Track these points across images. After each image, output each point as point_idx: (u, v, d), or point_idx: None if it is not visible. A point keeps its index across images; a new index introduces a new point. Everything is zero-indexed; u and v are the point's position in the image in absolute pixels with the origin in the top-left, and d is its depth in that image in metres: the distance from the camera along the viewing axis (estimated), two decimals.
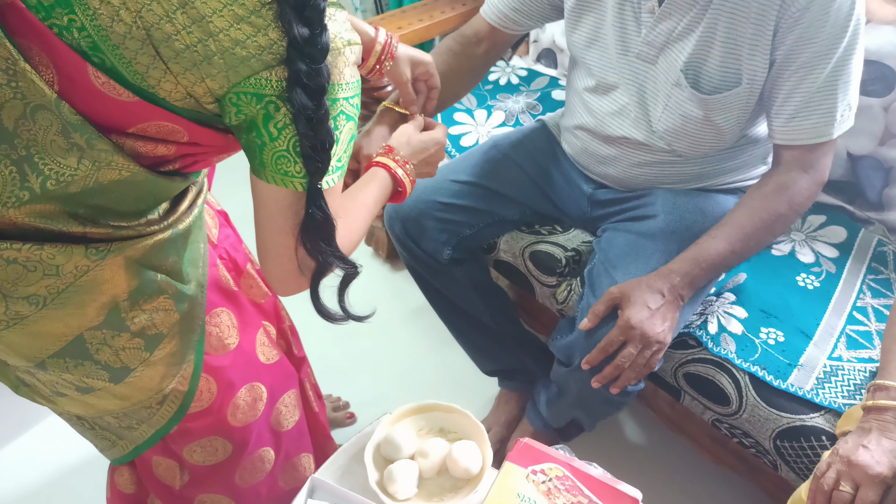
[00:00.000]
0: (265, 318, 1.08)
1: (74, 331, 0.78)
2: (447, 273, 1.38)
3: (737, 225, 1.09)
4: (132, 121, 0.68)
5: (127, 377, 0.84)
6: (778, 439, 1.08)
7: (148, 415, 0.91)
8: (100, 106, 0.66)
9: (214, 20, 0.62)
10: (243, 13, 0.63)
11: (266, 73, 0.64)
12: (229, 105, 0.67)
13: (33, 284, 0.72)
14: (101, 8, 0.61)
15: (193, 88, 0.66)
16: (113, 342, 0.81)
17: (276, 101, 0.65)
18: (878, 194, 1.34)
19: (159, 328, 0.84)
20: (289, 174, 0.69)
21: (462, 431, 0.97)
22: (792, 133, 1.06)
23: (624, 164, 1.25)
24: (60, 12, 0.62)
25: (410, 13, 1.75)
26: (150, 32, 0.62)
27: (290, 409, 1.10)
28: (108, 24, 0.62)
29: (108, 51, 0.63)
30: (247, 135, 0.69)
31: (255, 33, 0.63)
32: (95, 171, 0.68)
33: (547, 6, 1.24)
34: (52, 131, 0.65)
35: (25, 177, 0.66)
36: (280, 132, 0.67)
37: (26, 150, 0.66)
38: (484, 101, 1.72)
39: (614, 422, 1.60)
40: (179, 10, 0.62)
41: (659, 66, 1.12)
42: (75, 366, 0.80)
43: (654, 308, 1.04)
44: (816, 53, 1.00)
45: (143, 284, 0.79)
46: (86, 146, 0.67)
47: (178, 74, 0.65)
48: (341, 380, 1.67)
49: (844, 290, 1.23)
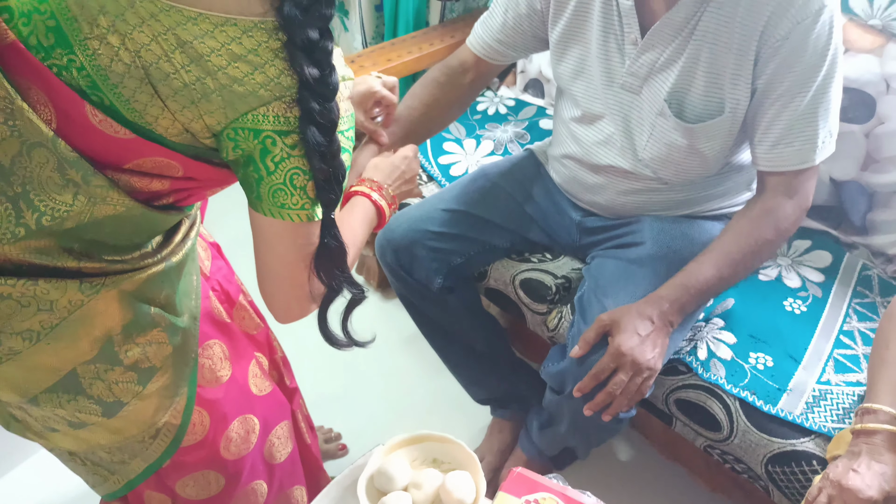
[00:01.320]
0: (258, 350, 1.08)
1: (68, 365, 0.78)
2: (439, 301, 1.38)
3: (724, 251, 1.10)
4: (128, 157, 0.69)
5: (120, 411, 0.84)
6: (769, 464, 1.08)
7: (141, 448, 0.91)
8: (97, 143, 0.67)
9: (213, 59, 0.64)
10: (241, 52, 0.64)
11: (263, 109, 0.66)
12: (227, 140, 0.68)
13: (27, 320, 0.72)
14: (101, 48, 0.63)
15: (191, 124, 0.67)
16: (106, 376, 0.81)
17: (273, 136, 0.67)
18: (862, 219, 1.36)
19: (152, 361, 0.84)
20: (286, 206, 0.70)
21: (455, 462, 0.97)
22: (775, 160, 1.08)
23: (611, 192, 1.26)
24: (60, 52, 0.64)
25: (400, 45, 1.77)
26: (149, 71, 0.64)
27: (282, 441, 1.10)
28: (107, 64, 0.64)
29: (107, 89, 0.65)
30: (244, 169, 0.70)
31: (252, 71, 0.65)
32: (91, 207, 0.69)
33: (531, 38, 1.26)
34: (48, 168, 0.66)
35: (21, 213, 0.67)
36: (277, 166, 0.68)
37: (22, 186, 0.67)
38: (473, 131, 1.74)
39: (608, 449, 1.59)
40: (178, 49, 0.63)
41: (643, 96, 1.14)
42: (68, 400, 0.80)
43: (644, 335, 1.04)
44: (796, 82, 1.02)
45: (137, 317, 0.80)
46: (82, 182, 0.68)
47: (176, 111, 0.66)
48: (333, 410, 1.66)
49: (831, 314, 1.25)
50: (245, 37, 0.64)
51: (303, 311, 0.80)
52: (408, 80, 1.98)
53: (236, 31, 0.64)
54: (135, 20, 0.63)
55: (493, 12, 1.28)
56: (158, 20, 0.63)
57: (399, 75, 1.73)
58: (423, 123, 1.26)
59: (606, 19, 1.13)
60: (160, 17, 0.63)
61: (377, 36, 2.03)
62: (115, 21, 0.63)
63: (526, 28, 1.25)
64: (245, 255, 0.78)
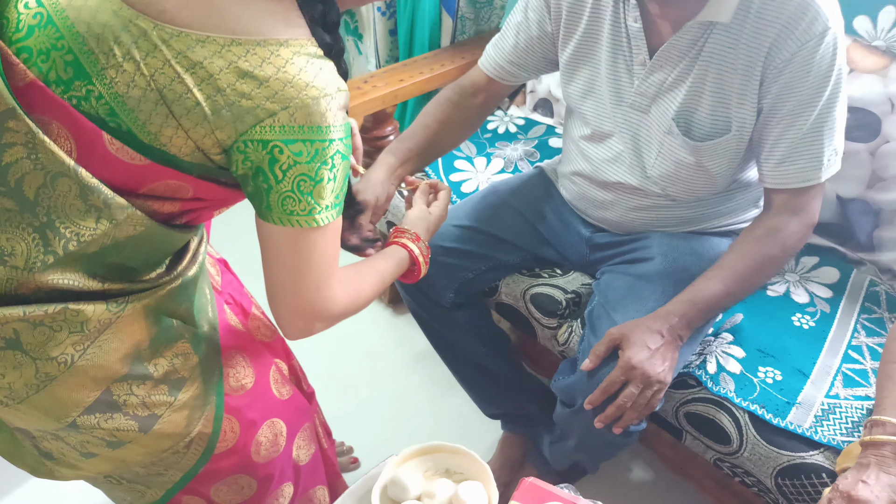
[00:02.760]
0: (275, 356, 1.11)
1: (102, 384, 0.80)
2: (450, 317, 1.40)
3: (731, 267, 1.12)
4: (143, 182, 0.74)
5: (155, 425, 0.86)
6: (779, 477, 1.09)
7: (176, 460, 0.93)
8: (114, 171, 0.72)
9: (221, 77, 0.69)
10: (247, 68, 0.69)
11: (270, 121, 0.70)
12: (236, 153, 0.72)
13: (61, 344, 0.75)
14: (118, 76, 0.68)
15: (203, 141, 0.72)
16: (139, 391, 0.84)
17: (280, 145, 0.71)
18: (869, 236, 1.38)
19: (181, 372, 0.87)
20: (294, 213, 0.75)
21: (468, 472, 0.98)
22: (781, 177, 1.10)
23: (620, 208, 1.28)
24: (80, 84, 0.69)
25: (412, 66, 1.81)
26: (163, 93, 0.69)
27: (306, 444, 1.12)
28: (124, 91, 0.69)
29: (125, 115, 0.70)
30: (254, 181, 0.74)
31: (258, 85, 0.70)
32: (113, 229, 0.73)
33: (542, 60, 1.30)
34: (71, 196, 0.71)
35: (49, 241, 0.71)
36: (285, 174, 0.73)
37: (47, 216, 0.71)
38: (483, 149, 1.77)
39: (617, 464, 1.60)
40: (188, 71, 0.69)
41: (651, 115, 1.16)
42: (106, 420, 0.83)
43: (654, 348, 1.06)
44: (801, 102, 1.04)
45: (162, 331, 0.84)
46: (103, 206, 0.72)
47: (189, 129, 0.71)
48: (345, 426, 1.67)
49: (839, 330, 1.26)
50: (249, 55, 0.69)
51: (309, 326, 0.84)
52: (420, 99, 2.02)
53: (241, 50, 0.69)
54: (147, 47, 0.68)
55: (504, 34, 1.31)
56: (169, 45, 0.68)
57: (411, 95, 1.77)
58: (437, 141, 1.29)
59: (615, 41, 1.16)
60: (171, 43, 0.68)
61: (391, 59, 2.07)
62: (130, 49, 0.68)
63: (537, 50, 1.28)
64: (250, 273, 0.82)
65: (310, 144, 0.72)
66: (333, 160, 0.74)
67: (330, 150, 0.74)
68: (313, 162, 0.73)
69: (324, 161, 0.73)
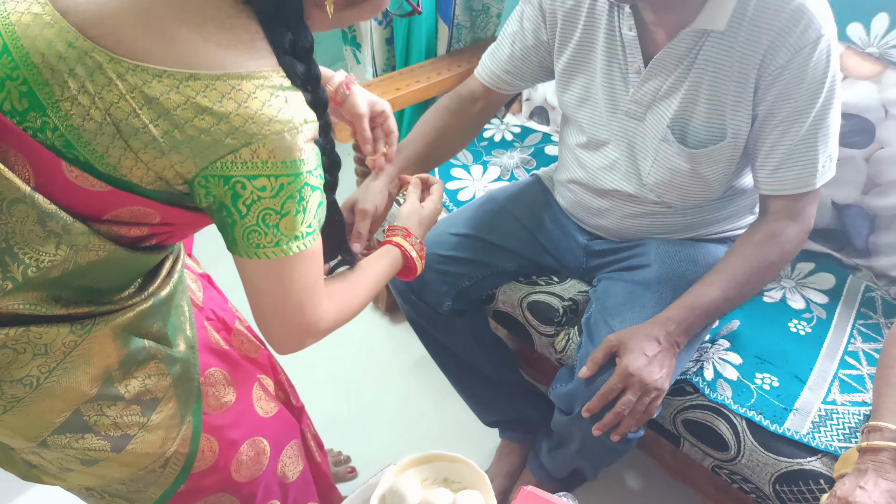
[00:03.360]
0: (260, 372, 1.10)
1: (71, 406, 0.79)
2: (448, 324, 1.40)
3: (729, 273, 1.12)
4: (106, 209, 0.72)
5: (128, 445, 0.85)
6: (777, 483, 1.09)
7: (153, 478, 0.92)
8: (75, 198, 0.70)
9: (179, 112, 0.66)
10: (206, 104, 0.66)
11: (231, 157, 0.68)
12: (198, 188, 0.70)
13: (25, 366, 0.74)
14: (73, 109, 0.66)
15: (164, 173, 0.70)
16: (110, 411, 0.82)
17: (243, 180, 0.69)
18: (865, 241, 1.39)
19: (153, 393, 0.86)
20: (260, 246, 0.72)
21: (466, 481, 0.98)
22: (777, 184, 1.10)
23: (616, 215, 1.29)
24: (34, 116, 0.67)
25: (408, 75, 1.81)
26: (119, 127, 0.67)
27: (293, 460, 1.11)
28: (79, 123, 0.67)
29: (81, 147, 0.68)
30: (218, 215, 0.73)
31: (217, 122, 0.67)
32: (74, 255, 0.72)
33: (538, 68, 1.30)
34: (28, 221, 0.69)
35: (7, 267, 0.70)
36: (249, 209, 0.70)
37: (6, 241, 0.69)
38: (479, 157, 1.78)
39: (616, 472, 1.60)
40: (145, 106, 0.66)
41: (647, 123, 1.17)
42: (77, 440, 0.82)
43: (652, 355, 1.06)
44: (796, 109, 1.05)
45: (133, 352, 0.82)
46: (62, 232, 0.70)
47: (149, 162, 0.69)
48: (343, 434, 1.67)
49: (836, 336, 1.26)
50: (208, 90, 0.66)
51: (300, 342, 0.83)
52: (417, 108, 2.02)
53: (199, 86, 0.66)
54: (103, 80, 0.66)
55: (500, 44, 1.31)
56: (125, 79, 0.66)
57: (408, 104, 1.78)
58: (435, 150, 1.29)
59: (610, 49, 1.17)
60: (127, 77, 0.66)
61: (388, 68, 2.08)
62: (85, 82, 0.66)
63: (533, 59, 1.28)
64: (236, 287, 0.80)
65: (274, 179, 0.69)
66: (301, 192, 0.72)
67: (297, 184, 0.71)
68: (278, 196, 0.70)
69: (290, 195, 0.71)
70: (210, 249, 0.76)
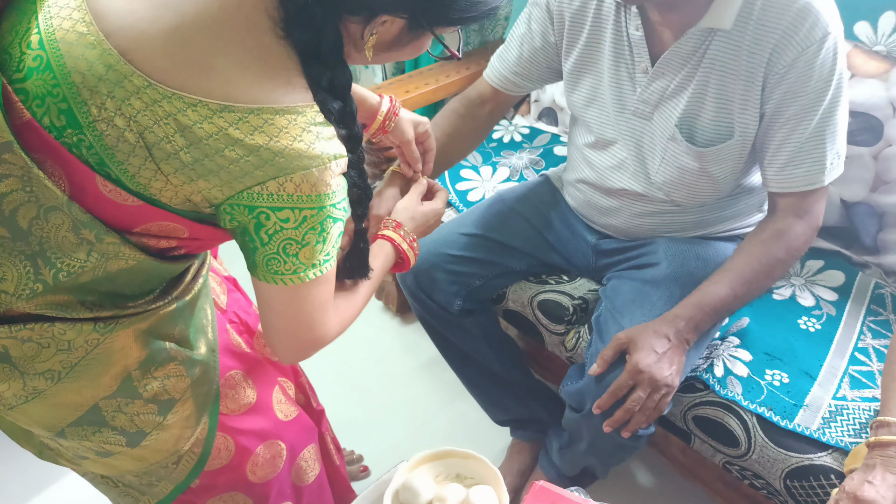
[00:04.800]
0: (282, 375, 1.11)
1: (90, 401, 0.81)
2: (458, 324, 1.41)
3: (737, 270, 1.13)
4: (137, 222, 0.74)
5: (143, 441, 0.87)
6: (788, 479, 1.09)
7: (166, 473, 0.94)
8: (108, 210, 0.72)
9: (210, 142, 0.68)
10: (238, 136, 0.68)
11: (258, 189, 0.69)
12: (224, 213, 0.72)
13: (48, 360, 0.76)
14: (108, 130, 0.68)
15: (192, 196, 0.71)
16: (127, 409, 0.84)
17: (267, 212, 0.70)
18: (873, 239, 1.39)
19: (171, 393, 0.87)
20: (279, 273, 0.74)
21: (478, 477, 0.99)
22: (785, 181, 1.11)
23: (625, 214, 1.30)
24: (71, 133, 0.68)
25: (417, 77, 1.83)
26: (152, 151, 0.68)
27: (310, 464, 1.12)
28: (113, 144, 0.68)
29: (114, 166, 0.69)
30: (241, 238, 0.75)
31: (247, 154, 0.68)
32: (104, 262, 0.74)
33: (546, 69, 1.31)
34: (63, 229, 0.71)
35: (39, 270, 0.72)
36: (270, 238, 0.72)
37: (39, 245, 0.71)
38: (489, 158, 1.79)
39: (627, 469, 1.60)
40: (178, 133, 0.67)
41: (655, 122, 1.18)
42: (93, 433, 0.84)
43: (661, 352, 1.07)
44: (804, 107, 1.05)
45: (153, 353, 0.84)
46: (95, 241, 0.72)
47: (178, 186, 0.70)
48: (355, 433, 1.69)
49: (845, 332, 1.26)
50: (241, 122, 0.67)
51: (302, 357, 0.86)
52: (426, 110, 2.04)
53: (233, 118, 0.67)
54: (139, 105, 0.67)
55: (508, 46, 1.33)
56: (161, 106, 0.67)
57: (417, 106, 1.79)
58: (445, 153, 1.30)
59: (617, 49, 1.18)
60: (162, 104, 0.67)
61: (397, 71, 2.10)
62: (122, 105, 0.67)
63: (541, 60, 1.30)
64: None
65: (298, 212, 0.71)
66: (323, 225, 0.73)
67: (319, 217, 0.72)
68: (300, 228, 0.72)
69: (312, 227, 0.72)
70: (236, 250, 0.78)
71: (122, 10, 0.68)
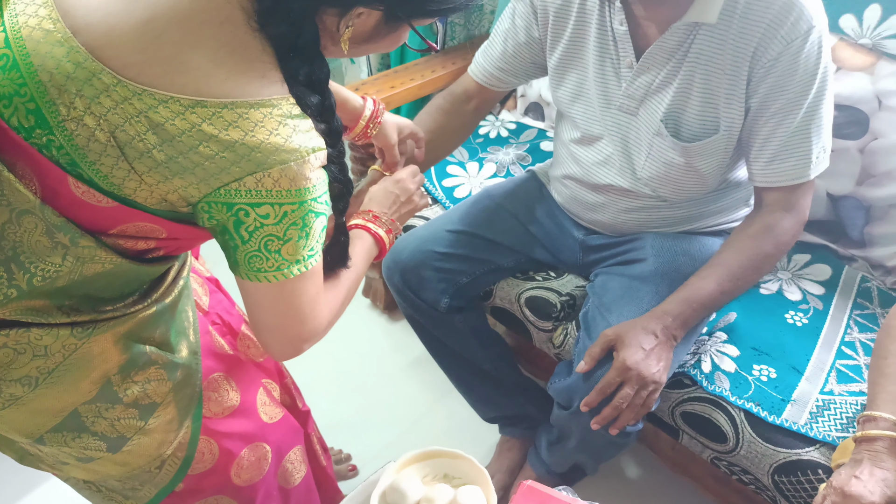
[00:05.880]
0: (266, 376, 1.10)
1: (69, 406, 0.80)
2: (446, 321, 1.40)
3: (725, 265, 1.13)
4: (112, 224, 0.72)
5: (124, 446, 0.86)
6: (776, 474, 1.09)
7: (149, 477, 0.93)
8: (81, 212, 0.70)
9: (183, 139, 0.66)
10: (212, 132, 0.66)
11: (235, 185, 0.68)
12: (201, 212, 0.70)
13: (24, 366, 0.74)
14: (78, 129, 0.66)
15: (168, 196, 0.70)
16: (107, 414, 0.83)
17: (246, 208, 0.69)
18: (860, 232, 1.39)
19: (152, 398, 0.86)
20: (261, 270, 0.73)
21: (466, 477, 0.98)
22: (771, 176, 1.11)
23: (612, 210, 1.29)
24: (40, 133, 0.66)
25: (403, 73, 1.81)
26: (124, 151, 0.66)
27: (296, 466, 1.11)
28: (84, 144, 0.66)
29: (86, 166, 0.67)
30: (221, 236, 0.73)
31: (223, 150, 0.66)
32: (80, 266, 0.72)
33: (531, 65, 1.30)
34: (36, 233, 0.69)
35: (12, 275, 0.70)
36: (251, 235, 0.70)
37: (13, 250, 0.69)
38: (475, 154, 1.78)
39: (616, 465, 1.60)
40: (150, 131, 0.66)
41: (640, 117, 1.17)
42: (73, 438, 0.82)
43: (649, 349, 1.06)
44: (789, 101, 1.05)
45: (134, 357, 0.82)
46: (70, 244, 0.70)
47: (152, 185, 0.69)
48: (343, 433, 1.68)
49: (832, 326, 1.27)
50: (215, 118, 0.66)
51: (297, 352, 0.83)
52: (411, 106, 2.02)
53: (206, 113, 0.66)
54: (109, 103, 0.65)
55: (492, 41, 1.32)
56: (131, 103, 0.65)
57: (402, 102, 1.78)
58: (431, 150, 1.29)
59: (602, 44, 1.17)
60: (133, 101, 0.65)
61: (382, 66, 2.08)
62: (91, 104, 0.65)
63: (525, 55, 1.29)
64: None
65: (278, 207, 0.69)
66: (305, 219, 0.72)
67: (300, 212, 0.71)
68: (281, 223, 0.70)
69: (293, 222, 0.71)
70: (217, 250, 0.76)
71: (91, 6, 0.66)
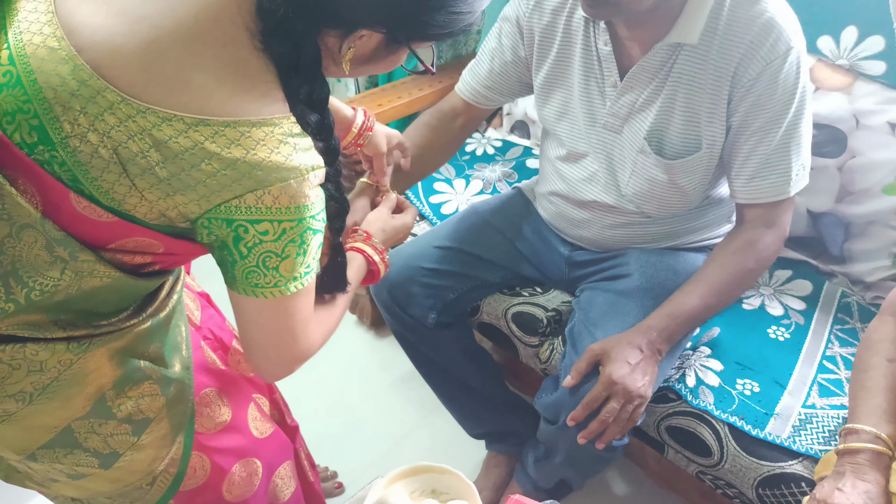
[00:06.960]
0: (257, 391, 1.10)
1: (62, 422, 0.79)
2: (433, 337, 1.41)
3: (708, 281, 1.14)
4: (112, 238, 0.72)
5: (116, 462, 0.85)
6: (760, 487, 1.10)
7: (140, 494, 0.92)
8: (82, 227, 0.70)
9: (186, 157, 0.67)
10: (214, 150, 0.67)
11: (236, 202, 0.68)
12: (201, 228, 0.71)
13: (20, 381, 0.74)
14: (81, 146, 0.66)
15: (168, 212, 0.70)
16: (101, 430, 0.82)
17: (246, 224, 0.70)
18: (840, 248, 1.41)
19: (146, 413, 0.86)
20: (259, 286, 0.74)
21: (454, 492, 0.98)
22: (752, 193, 1.13)
23: (597, 226, 1.31)
24: (43, 149, 0.67)
25: (390, 91, 1.83)
26: (127, 167, 0.67)
27: (286, 482, 1.10)
28: (87, 160, 0.67)
29: (88, 182, 0.68)
30: (219, 252, 0.73)
31: (224, 167, 0.67)
32: (78, 280, 0.72)
33: (517, 83, 1.32)
34: (36, 247, 0.69)
35: (10, 290, 0.70)
36: (250, 251, 0.71)
37: (12, 265, 0.69)
38: (462, 171, 1.79)
39: (603, 480, 1.61)
40: (153, 148, 0.66)
41: (624, 135, 1.19)
42: (65, 455, 0.82)
43: (634, 363, 1.07)
44: (769, 119, 1.07)
45: (128, 373, 0.82)
46: (69, 258, 0.71)
47: (153, 201, 0.69)
48: (330, 450, 1.67)
49: (814, 341, 1.28)
50: (217, 136, 0.66)
51: (288, 371, 0.84)
52: (398, 123, 2.04)
53: (209, 131, 0.66)
54: (113, 121, 0.66)
55: (479, 60, 1.34)
56: (135, 121, 0.66)
57: (390, 119, 1.79)
58: (418, 166, 1.30)
59: (587, 64, 1.19)
60: (137, 119, 0.66)
61: (370, 84, 2.10)
62: (95, 121, 0.66)
63: (512, 74, 1.31)
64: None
65: (277, 224, 0.70)
66: (303, 237, 0.72)
67: (299, 229, 0.72)
68: (280, 240, 0.71)
69: (291, 239, 0.71)
70: (208, 265, 0.77)
71: (96, 24, 0.67)
